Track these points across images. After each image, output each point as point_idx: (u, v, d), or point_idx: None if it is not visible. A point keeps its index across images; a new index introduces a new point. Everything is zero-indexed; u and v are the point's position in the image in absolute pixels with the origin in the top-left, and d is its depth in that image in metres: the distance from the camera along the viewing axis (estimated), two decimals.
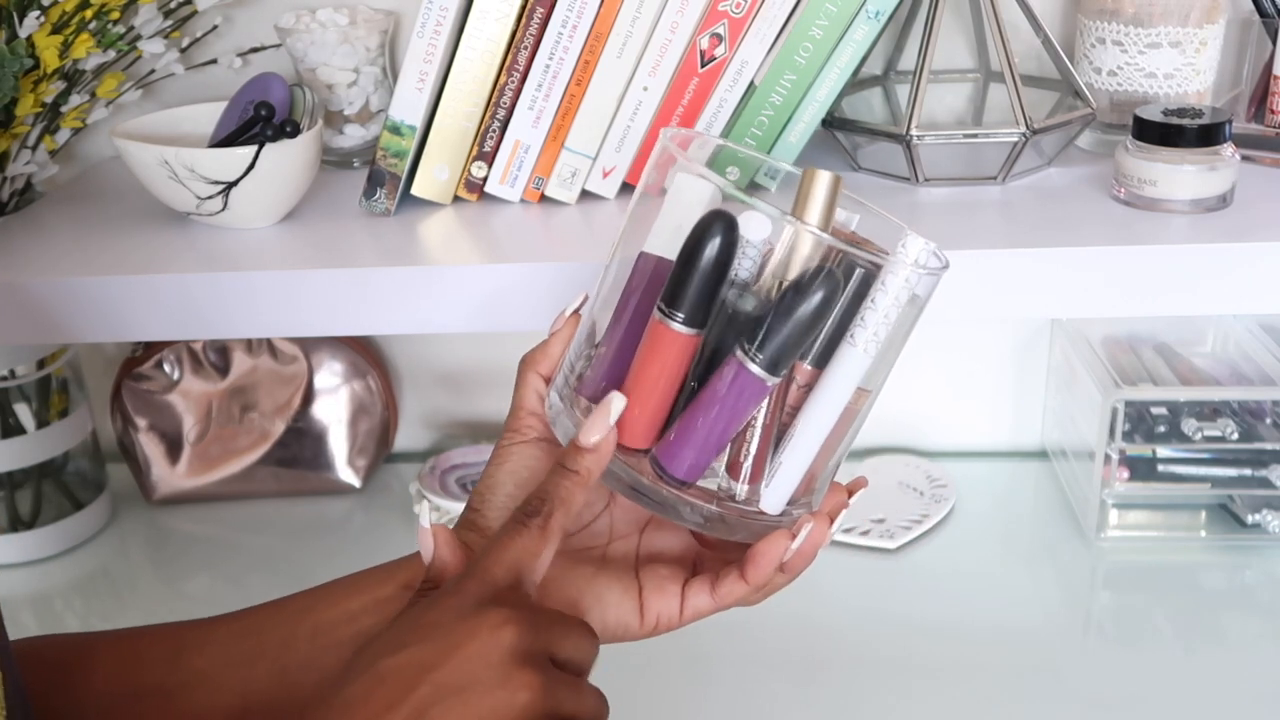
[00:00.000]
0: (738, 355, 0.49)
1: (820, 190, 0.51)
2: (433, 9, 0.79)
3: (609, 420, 0.50)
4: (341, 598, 0.58)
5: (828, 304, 0.48)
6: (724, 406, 0.50)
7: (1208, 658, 0.92)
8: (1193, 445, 1.02)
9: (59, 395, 1.06)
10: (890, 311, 0.49)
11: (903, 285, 0.49)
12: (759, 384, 0.49)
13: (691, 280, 0.48)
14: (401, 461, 1.19)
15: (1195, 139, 0.77)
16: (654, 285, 0.51)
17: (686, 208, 0.50)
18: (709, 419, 0.50)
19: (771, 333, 0.48)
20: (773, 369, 0.49)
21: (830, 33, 0.80)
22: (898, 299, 0.49)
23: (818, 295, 0.47)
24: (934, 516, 1.07)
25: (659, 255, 0.51)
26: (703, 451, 0.51)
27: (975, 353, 1.15)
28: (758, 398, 0.50)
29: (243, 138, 0.81)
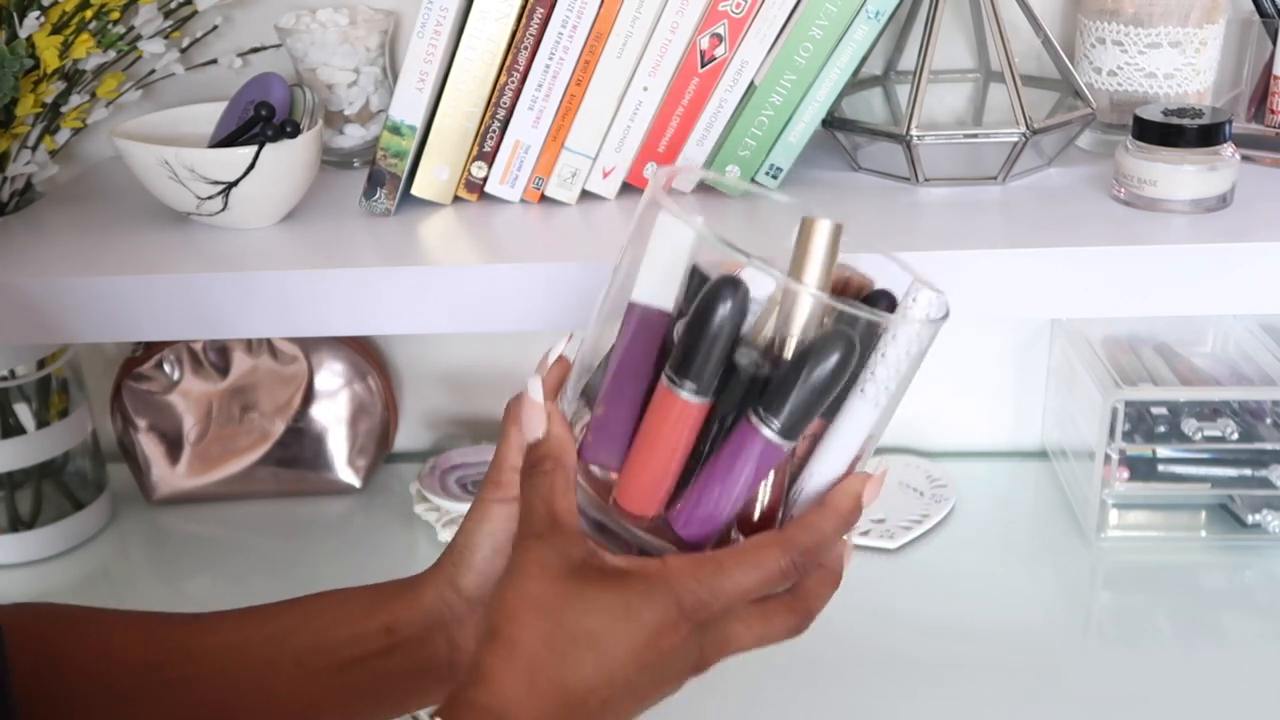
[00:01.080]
0: (753, 422, 0.47)
1: (820, 241, 0.49)
2: (433, 9, 0.79)
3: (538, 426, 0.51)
4: (327, 625, 0.58)
5: (844, 367, 0.46)
6: (739, 472, 0.48)
7: (1208, 658, 0.92)
8: (1193, 445, 1.02)
9: (59, 395, 1.06)
10: (901, 364, 0.49)
11: (913, 339, 0.49)
12: (776, 450, 0.48)
13: (701, 349, 0.47)
14: (401, 461, 1.19)
15: (1195, 139, 0.77)
16: (644, 336, 0.50)
17: (673, 253, 0.49)
18: (724, 485, 0.49)
19: (787, 398, 0.46)
20: (790, 435, 0.47)
21: (830, 33, 0.80)
22: (908, 352, 0.49)
23: (834, 359, 0.46)
24: (934, 516, 1.07)
25: (646, 304, 0.50)
26: (716, 516, 0.49)
27: (975, 353, 1.15)
28: (773, 462, 0.49)
29: (243, 138, 0.81)
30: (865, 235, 0.78)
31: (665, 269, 0.49)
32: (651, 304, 0.49)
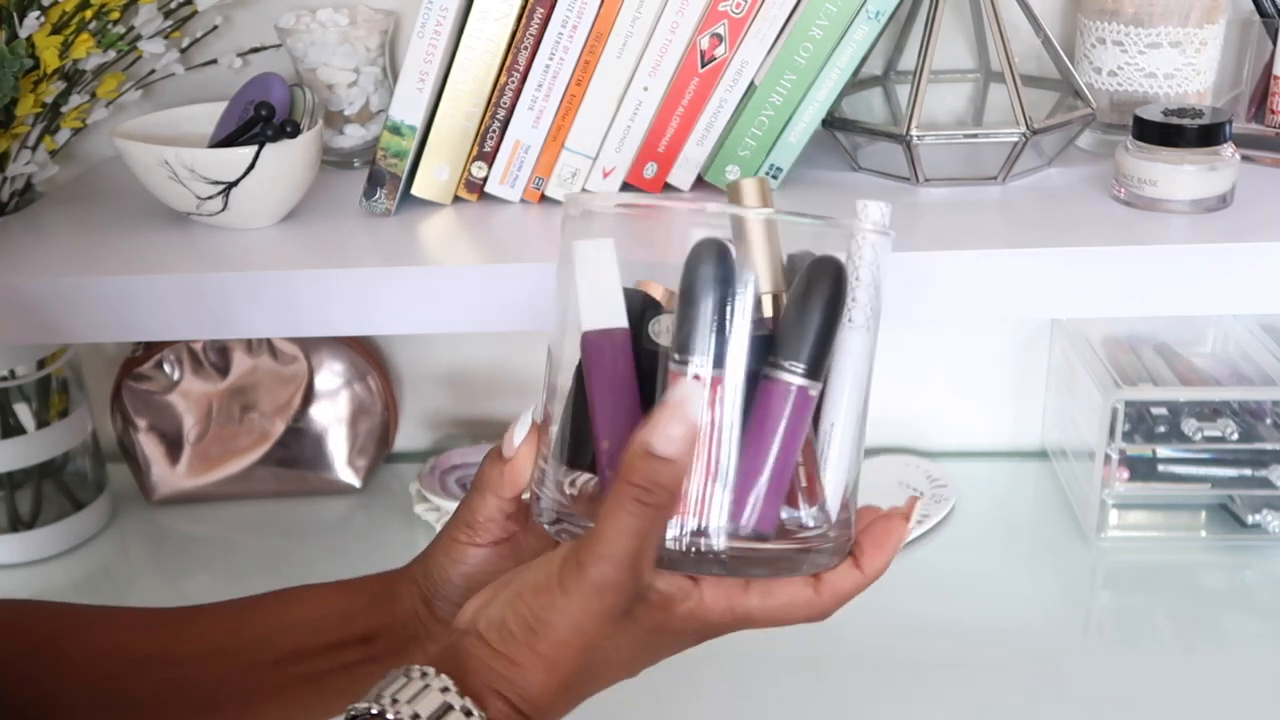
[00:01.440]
0: (775, 375, 0.47)
1: (751, 195, 0.50)
2: (433, 9, 0.79)
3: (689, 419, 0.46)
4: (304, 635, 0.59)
5: (840, 285, 0.47)
6: (779, 435, 0.47)
7: (1208, 658, 0.92)
8: (1193, 445, 1.02)
9: (59, 395, 1.06)
10: (874, 281, 0.49)
11: (874, 250, 0.49)
12: (805, 396, 0.47)
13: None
14: (401, 461, 1.19)
15: (1195, 139, 0.77)
16: (613, 359, 0.49)
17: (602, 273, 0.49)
18: (771, 455, 0.47)
19: (800, 338, 0.46)
20: (816, 374, 0.47)
21: (830, 33, 0.80)
22: (873, 267, 0.49)
23: (829, 282, 0.46)
24: (934, 517, 1.07)
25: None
26: (776, 492, 0.48)
27: (975, 353, 1.15)
28: (809, 409, 0.48)
29: (243, 138, 0.81)
30: None
31: (604, 289, 0.49)
32: (606, 326, 0.49)
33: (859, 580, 0.50)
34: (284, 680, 0.58)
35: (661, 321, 0.48)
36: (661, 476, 0.45)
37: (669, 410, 0.45)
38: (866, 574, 0.50)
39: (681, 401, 0.45)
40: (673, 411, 0.45)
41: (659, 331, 0.49)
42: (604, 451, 0.49)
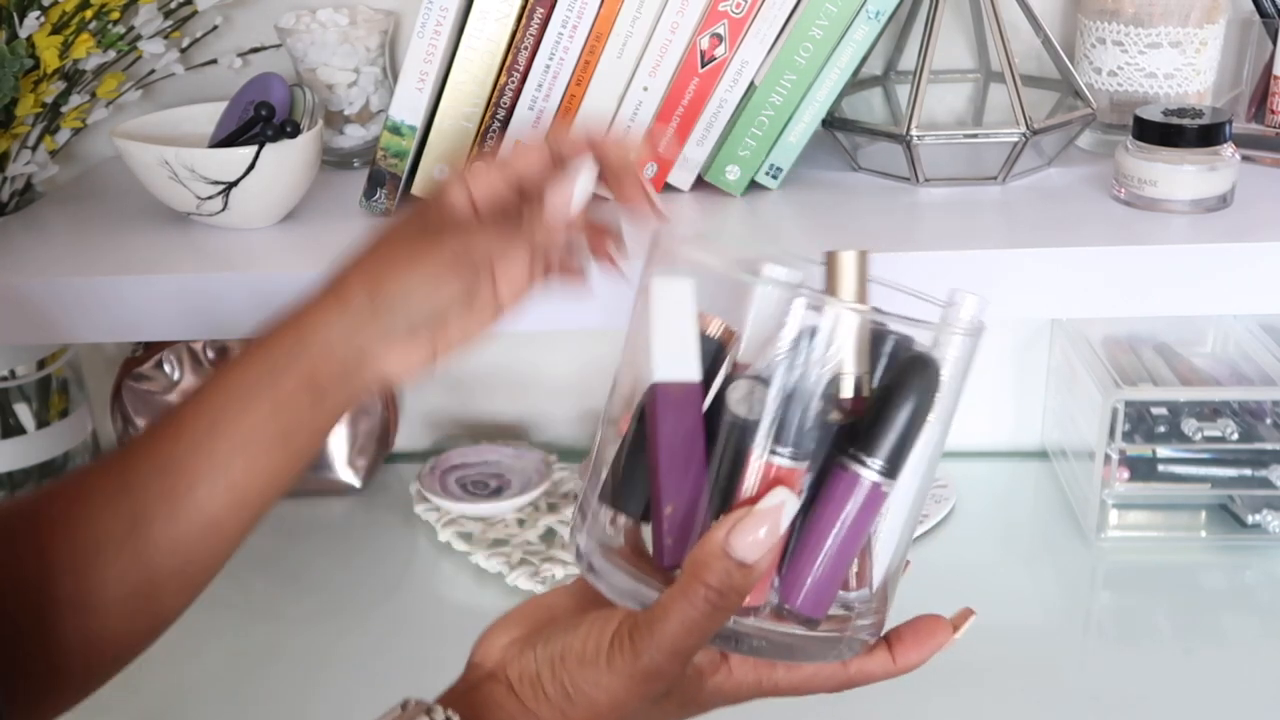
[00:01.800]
0: (852, 468, 0.45)
1: (849, 269, 0.47)
2: (433, 9, 0.79)
3: (778, 529, 0.43)
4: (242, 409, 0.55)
5: (933, 390, 0.45)
6: (846, 526, 0.45)
7: (1208, 658, 0.92)
8: (1193, 445, 1.02)
9: (59, 395, 1.06)
10: (958, 378, 0.47)
11: (963, 349, 0.47)
12: (880, 493, 0.45)
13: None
14: (401, 461, 1.19)
15: (1195, 139, 0.77)
16: (682, 415, 0.46)
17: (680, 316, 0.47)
18: (835, 544, 0.45)
19: (886, 435, 0.44)
20: (894, 472, 0.45)
21: (830, 33, 0.80)
22: (960, 363, 0.47)
23: (923, 385, 0.45)
24: (934, 516, 1.07)
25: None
26: (833, 580, 0.46)
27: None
28: (879, 506, 0.46)
29: (243, 138, 0.81)
30: (865, 235, 0.78)
31: (680, 335, 0.47)
32: (679, 379, 0.46)
33: (889, 670, 0.50)
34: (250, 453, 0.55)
35: (740, 388, 0.45)
36: (737, 581, 0.43)
37: (759, 517, 0.43)
38: (899, 666, 0.50)
39: (776, 510, 0.43)
40: (763, 519, 0.43)
41: (738, 400, 0.45)
42: (666, 517, 0.46)
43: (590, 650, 0.45)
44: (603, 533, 0.49)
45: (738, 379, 0.45)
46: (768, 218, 0.83)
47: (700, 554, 0.43)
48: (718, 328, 0.48)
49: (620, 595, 0.48)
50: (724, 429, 0.45)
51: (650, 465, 0.46)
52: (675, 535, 0.46)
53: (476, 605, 0.98)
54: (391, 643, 0.94)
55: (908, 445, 0.45)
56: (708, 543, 0.43)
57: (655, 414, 0.46)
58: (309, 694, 0.90)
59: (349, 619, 0.98)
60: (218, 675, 0.92)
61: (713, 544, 0.43)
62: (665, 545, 0.46)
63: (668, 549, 0.46)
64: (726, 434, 0.45)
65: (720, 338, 0.48)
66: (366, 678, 0.90)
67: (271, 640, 0.95)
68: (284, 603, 0.99)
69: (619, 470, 0.49)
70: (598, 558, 0.49)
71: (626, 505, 0.48)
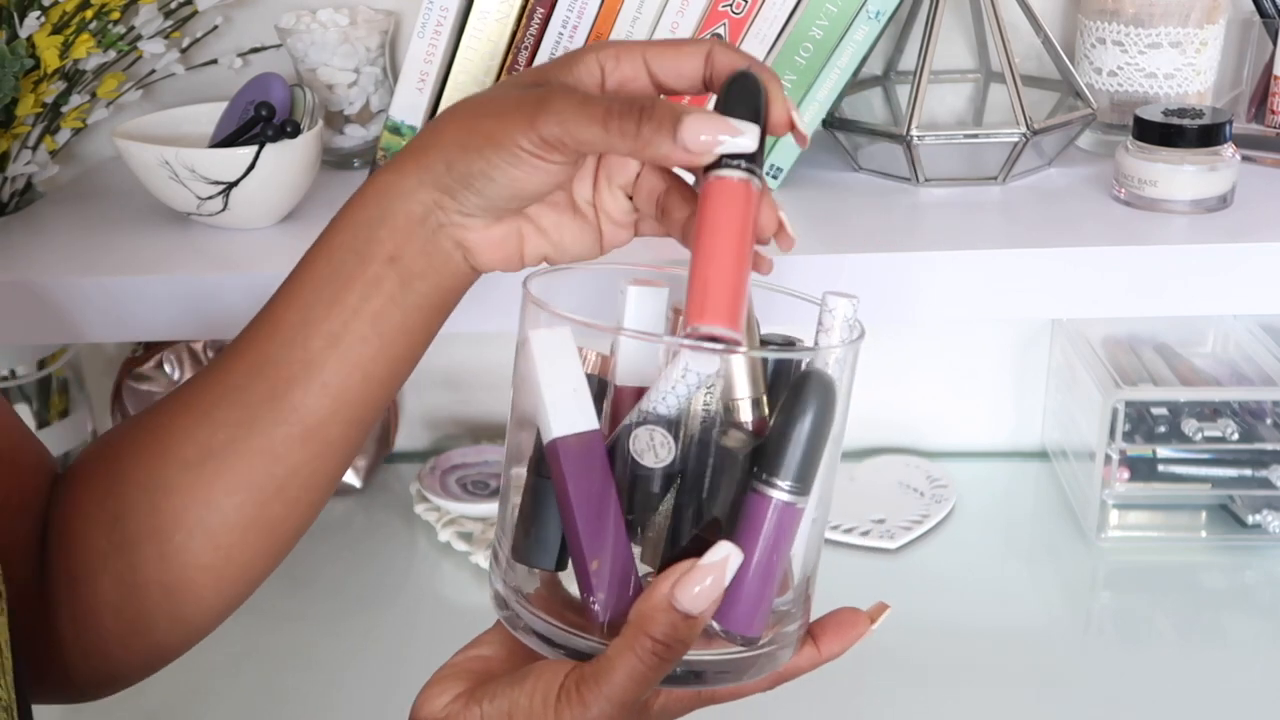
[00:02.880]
0: (765, 491, 0.45)
1: None
2: (433, 9, 0.79)
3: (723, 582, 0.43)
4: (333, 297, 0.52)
5: (832, 404, 0.45)
6: (768, 547, 0.45)
7: (1208, 658, 0.92)
8: (1193, 446, 1.02)
9: (59, 395, 1.06)
10: (847, 387, 0.47)
11: (846, 359, 0.47)
12: (796, 511, 0.45)
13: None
14: (401, 461, 1.19)
15: (1195, 139, 0.77)
16: (588, 466, 0.45)
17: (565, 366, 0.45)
18: (760, 566, 0.45)
19: (793, 456, 0.44)
20: (803, 490, 0.45)
21: (830, 33, 0.80)
22: (843, 367, 0.46)
23: (822, 401, 0.44)
24: (934, 517, 1.07)
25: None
26: (764, 598, 0.46)
27: (975, 353, 1.15)
28: (795, 523, 0.46)
29: (243, 138, 0.81)
30: (865, 235, 0.78)
31: (568, 385, 0.45)
32: (577, 430, 0.45)
33: (815, 661, 0.50)
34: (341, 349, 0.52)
35: (641, 438, 0.45)
36: (682, 633, 0.43)
37: (704, 571, 0.43)
38: (823, 656, 0.50)
39: (721, 564, 0.43)
40: (707, 572, 0.43)
41: (642, 450, 0.45)
42: (593, 573, 0.45)
43: (538, 705, 0.45)
44: (521, 579, 0.49)
45: (635, 428, 0.45)
46: None
47: (645, 607, 0.43)
48: (594, 361, 0.47)
49: (546, 646, 0.47)
50: (634, 480, 0.45)
51: (566, 521, 0.46)
52: (606, 590, 0.45)
53: (476, 605, 0.98)
54: (391, 643, 0.94)
55: (814, 462, 0.45)
56: (652, 596, 0.43)
57: (561, 470, 0.45)
58: (309, 694, 0.90)
59: (349, 619, 0.98)
60: (217, 675, 0.92)
61: (658, 597, 0.43)
62: (597, 602, 0.45)
63: (600, 605, 0.46)
64: (638, 484, 0.45)
65: (599, 372, 0.47)
66: (366, 678, 0.90)
67: (271, 640, 0.95)
68: (283, 602, 0.99)
69: (526, 525, 0.48)
70: (519, 606, 0.48)
71: (541, 560, 0.48)
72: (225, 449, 0.53)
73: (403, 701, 0.50)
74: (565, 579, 0.48)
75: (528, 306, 0.47)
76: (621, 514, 0.45)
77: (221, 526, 0.54)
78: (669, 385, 0.44)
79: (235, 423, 0.53)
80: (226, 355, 0.54)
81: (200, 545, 0.54)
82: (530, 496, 0.47)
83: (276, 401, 0.52)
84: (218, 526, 0.54)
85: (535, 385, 0.45)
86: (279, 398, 0.52)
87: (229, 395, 0.53)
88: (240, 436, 0.53)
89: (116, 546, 0.54)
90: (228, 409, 0.53)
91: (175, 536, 0.54)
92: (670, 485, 0.46)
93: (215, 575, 0.56)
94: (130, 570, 0.54)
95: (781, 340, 0.48)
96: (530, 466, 0.47)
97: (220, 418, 0.53)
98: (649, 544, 0.47)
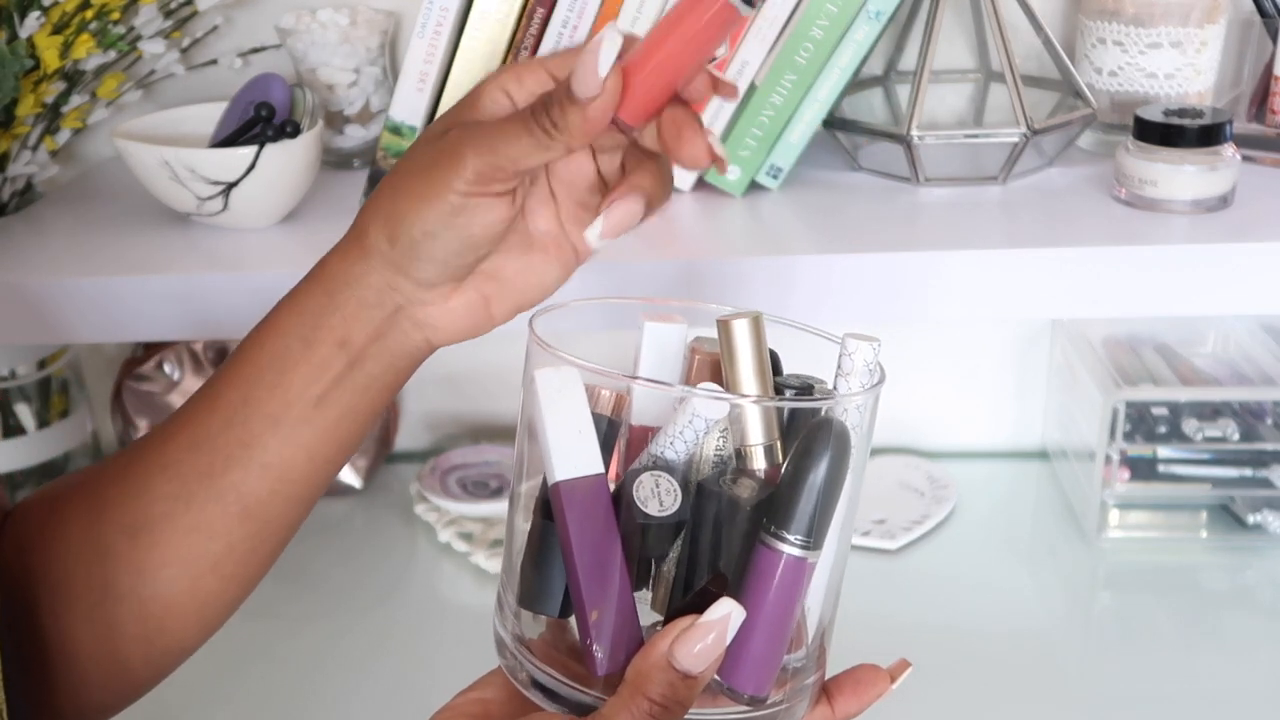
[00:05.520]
0: (775, 545, 0.43)
1: (743, 339, 0.44)
2: (433, 9, 0.79)
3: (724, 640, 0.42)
4: (276, 380, 0.51)
5: (846, 455, 0.43)
6: (777, 602, 0.43)
7: (1208, 658, 0.92)
8: (1193, 446, 1.02)
9: (60, 396, 1.06)
10: (866, 432, 0.45)
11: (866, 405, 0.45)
12: (806, 566, 0.43)
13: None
14: (401, 461, 1.19)
15: (1196, 139, 0.77)
16: (591, 512, 0.43)
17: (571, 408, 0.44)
18: (769, 622, 0.44)
19: (805, 510, 0.42)
20: (815, 545, 0.43)
21: (831, 33, 0.80)
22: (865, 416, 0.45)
23: (836, 452, 0.43)
24: (935, 517, 1.07)
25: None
26: (773, 655, 0.45)
27: (975, 353, 1.15)
28: (805, 578, 0.44)
29: (243, 138, 0.81)
30: (866, 235, 0.78)
31: (575, 428, 0.44)
32: (581, 474, 0.43)
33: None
34: (293, 427, 0.51)
35: (645, 485, 0.43)
36: (681, 694, 0.41)
37: (704, 629, 0.41)
38: (838, 716, 0.48)
39: (722, 622, 0.41)
40: (707, 630, 0.41)
41: (645, 498, 0.43)
42: (593, 623, 0.43)
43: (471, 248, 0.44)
44: (524, 624, 0.47)
45: (640, 473, 0.43)
46: (768, 218, 0.83)
47: (643, 665, 0.42)
48: (607, 400, 0.45)
49: (546, 699, 0.46)
50: (639, 528, 0.44)
51: (567, 566, 0.44)
52: (605, 642, 0.44)
53: (476, 605, 0.98)
54: (391, 643, 0.94)
55: (827, 515, 0.43)
56: (650, 654, 0.42)
57: (564, 515, 0.43)
58: (309, 694, 0.90)
59: (349, 619, 0.98)
60: (217, 675, 0.92)
61: (655, 655, 0.41)
62: (596, 654, 0.44)
63: (599, 658, 0.44)
64: (643, 531, 0.44)
65: (611, 411, 0.45)
66: (366, 678, 0.90)
67: (271, 640, 0.95)
68: (283, 602, 0.99)
69: (529, 571, 0.46)
70: (520, 654, 0.47)
71: (544, 606, 0.46)
72: (161, 521, 0.52)
73: (402, 701, 0.50)
74: (572, 623, 0.46)
75: (533, 346, 0.46)
76: (625, 562, 0.44)
77: (152, 598, 0.53)
78: (677, 430, 0.43)
79: (172, 496, 0.52)
80: (171, 423, 0.53)
81: (130, 614, 0.53)
82: (535, 539, 0.46)
83: (214, 480, 0.51)
84: (148, 597, 0.53)
85: (540, 426, 0.44)
86: (217, 476, 0.51)
87: (168, 469, 0.52)
88: (177, 511, 0.52)
89: (49, 603, 0.53)
90: (165, 482, 0.52)
91: (105, 602, 0.53)
92: (678, 533, 0.44)
93: (144, 645, 0.54)
94: (59, 629, 0.53)
95: (799, 383, 0.46)
96: (536, 507, 0.46)
97: (157, 490, 0.52)
98: (658, 591, 0.45)
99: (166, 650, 0.55)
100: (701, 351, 0.47)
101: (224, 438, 0.51)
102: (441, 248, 0.47)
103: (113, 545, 0.52)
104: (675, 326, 0.47)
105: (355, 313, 0.50)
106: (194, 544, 0.52)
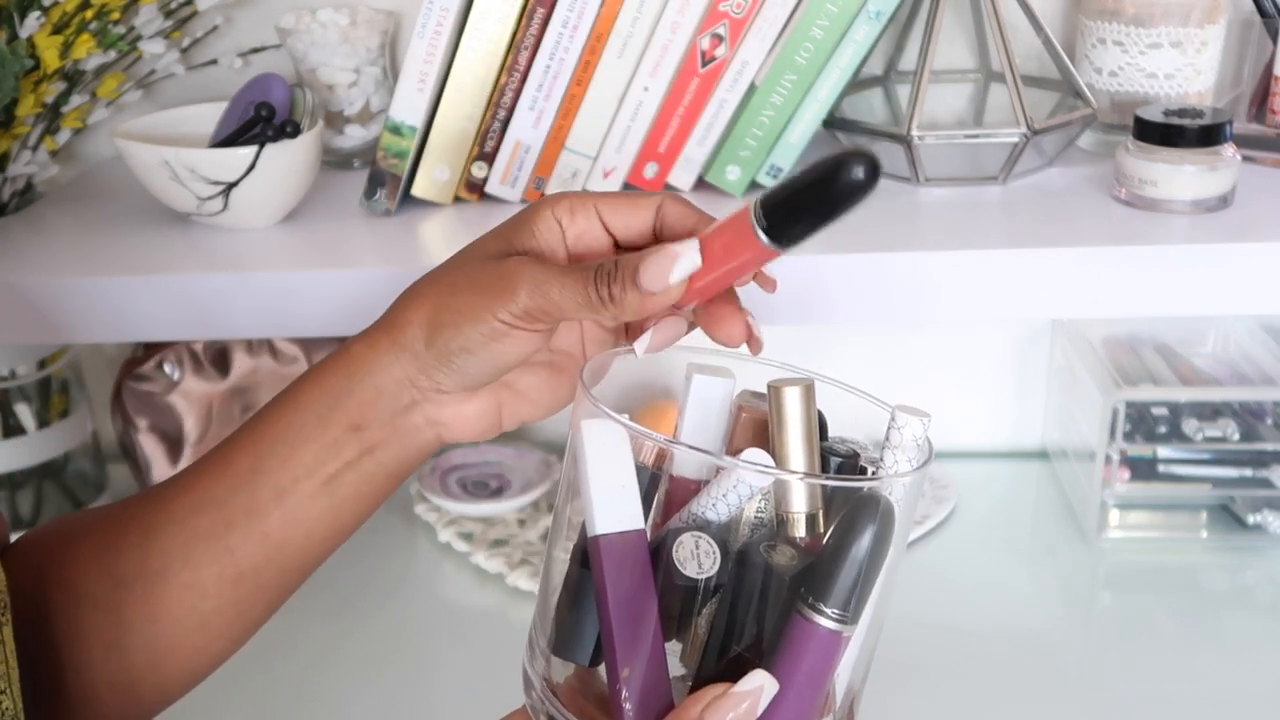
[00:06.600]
0: (811, 617, 0.42)
1: (794, 406, 0.44)
2: (433, 9, 0.79)
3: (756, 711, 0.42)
4: (288, 453, 0.52)
5: (889, 533, 0.42)
6: (809, 673, 0.43)
7: (1208, 658, 0.92)
8: (1193, 446, 1.02)
9: (60, 396, 1.06)
10: (910, 507, 0.45)
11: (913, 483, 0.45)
12: (841, 639, 0.43)
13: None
14: None
15: (1196, 139, 0.77)
16: (629, 568, 0.43)
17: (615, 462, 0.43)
18: (800, 692, 0.43)
19: (845, 585, 0.42)
20: (851, 619, 0.43)
21: (831, 33, 0.80)
22: (909, 493, 0.45)
23: (879, 530, 0.42)
24: (935, 517, 1.07)
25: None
26: None
27: (975, 353, 1.15)
28: (839, 651, 0.44)
29: (243, 138, 0.82)
30: (866, 235, 0.78)
31: (617, 482, 0.44)
32: (620, 529, 0.43)
33: None
34: (297, 503, 0.52)
35: (685, 545, 0.43)
36: None
37: (736, 699, 0.41)
38: None
39: (755, 694, 0.42)
40: (739, 700, 0.42)
41: (684, 559, 0.43)
42: (624, 680, 0.43)
43: (500, 371, 0.46)
44: (553, 667, 0.47)
45: (681, 533, 0.43)
46: None
47: None
48: (650, 453, 0.45)
49: None
50: (675, 587, 0.44)
51: (601, 619, 0.44)
52: (635, 696, 0.44)
53: (476, 605, 0.98)
54: (391, 642, 0.94)
55: (866, 590, 0.43)
56: (682, 718, 0.42)
57: (601, 569, 0.43)
58: (309, 693, 0.90)
59: (349, 619, 0.98)
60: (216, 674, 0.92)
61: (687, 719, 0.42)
62: (626, 708, 0.44)
63: (629, 713, 0.44)
64: (680, 591, 0.44)
65: (652, 464, 0.45)
66: (366, 677, 0.90)
67: (271, 640, 0.95)
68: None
69: (564, 615, 0.46)
70: (546, 698, 0.47)
71: (575, 654, 0.46)
72: (156, 576, 0.53)
73: (402, 701, 0.50)
74: (600, 672, 0.46)
75: (582, 397, 0.45)
76: (659, 620, 0.43)
77: (136, 648, 0.54)
78: (720, 492, 0.43)
79: (171, 553, 0.53)
80: (182, 478, 0.54)
81: (115, 664, 0.54)
82: (570, 587, 0.46)
83: (214, 542, 0.52)
84: (131, 648, 0.54)
85: (583, 476, 0.44)
86: (217, 538, 0.52)
87: (170, 526, 0.53)
88: (173, 568, 0.53)
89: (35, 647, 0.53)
90: (166, 539, 0.53)
91: (91, 650, 0.54)
92: (714, 594, 0.44)
93: (122, 693, 0.55)
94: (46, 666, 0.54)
95: (846, 450, 0.46)
96: (574, 554, 0.46)
97: (156, 545, 0.53)
98: (688, 646, 0.45)
99: (141, 702, 0.56)
100: (748, 409, 0.47)
101: (230, 503, 0.52)
102: (474, 365, 0.49)
103: (104, 597, 0.54)
104: (723, 381, 0.47)
105: (372, 399, 0.51)
106: (184, 601, 0.53)
